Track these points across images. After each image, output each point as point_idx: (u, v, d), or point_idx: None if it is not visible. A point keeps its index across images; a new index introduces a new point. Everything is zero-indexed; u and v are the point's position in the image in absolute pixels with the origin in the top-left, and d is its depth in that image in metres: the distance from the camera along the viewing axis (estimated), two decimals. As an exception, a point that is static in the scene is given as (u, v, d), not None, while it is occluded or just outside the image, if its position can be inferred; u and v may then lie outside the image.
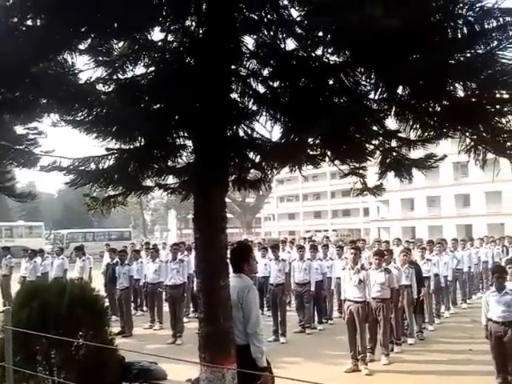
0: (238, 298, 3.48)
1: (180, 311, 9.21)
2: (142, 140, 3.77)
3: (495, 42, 2.41)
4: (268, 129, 3.82)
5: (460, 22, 2.42)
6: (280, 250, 11.26)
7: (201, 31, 3.52)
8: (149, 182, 4.50)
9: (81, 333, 3.61)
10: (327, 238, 20.18)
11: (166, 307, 9.77)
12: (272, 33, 3.61)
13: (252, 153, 3.65)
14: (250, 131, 3.70)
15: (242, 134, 3.69)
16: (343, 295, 7.19)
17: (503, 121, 2.73)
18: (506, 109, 2.63)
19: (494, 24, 2.34)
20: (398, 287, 7.98)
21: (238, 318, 3.45)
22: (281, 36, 3.55)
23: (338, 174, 5.61)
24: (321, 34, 3.18)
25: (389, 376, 6.75)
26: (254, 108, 3.86)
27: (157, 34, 3.68)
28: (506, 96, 2.57)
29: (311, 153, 3.65)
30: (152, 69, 3.82)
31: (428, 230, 52.51)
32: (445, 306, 11.02)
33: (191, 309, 11.17)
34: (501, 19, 2.33)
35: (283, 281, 9.26)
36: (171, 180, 4.54)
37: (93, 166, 3.65)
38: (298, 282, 9.52)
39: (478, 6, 2.39)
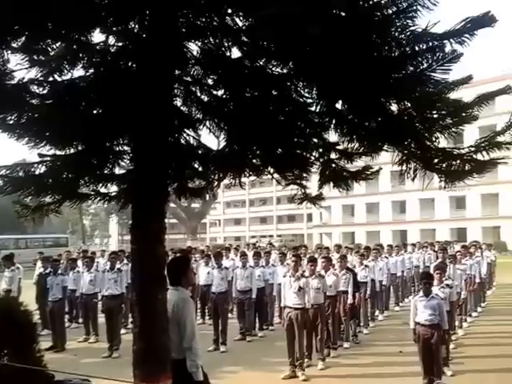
0: (174, 311, 3.41)
1: (117, 323, 8.89)
2: (79, 146, 3.62)
3: (425, 64, 2.58)
4: (212, 137, 3.81)
5: (393, 44, 2.55)
6: (224, 258, 11.27)
7: (144, 35, 3.45)
8: (87, 189, 4.32)
9: (4, 352, 3.35)
10: (271, 244, 20.38)
11: (102, 318, 9.39)
12: (217, 40, 3.60)
13: (194, 161, 3.62)
14: (192, 139, 3.67)
15: (184, 142, 3.65)
16: (283, 302, 7.28)
17: (432, 138, 2.89)
18: (434, 128, 2.79)
19: (424, 47, 2.50)
20: (335, 293, 8.23)
21: (173, 331, 3.39)
22: (226, 44, 3.56)
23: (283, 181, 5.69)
24: (265, 44, 3.21)
25: (325, 381, 6.92)
26: (198, 116, 3.84)
27: (98, 36, 3.56)
28: (434, 116, 2.74)
29: (254, 162, 3.66)
30: (91, 71, 3.69)
31: (366, 236, 54.57)
32: (379, 309, 11.48)
33: (130, 319, 10.84)
34: (430, 43, 2.49)
35: (226, 289, 9.24)
36: (112, 187, 4.40)
37: (21, 173, 3.45)
38: (240, 290, 9.54)
39: (409, 29, 2.54)
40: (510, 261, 28.12)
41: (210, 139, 8.13)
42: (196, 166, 3.61)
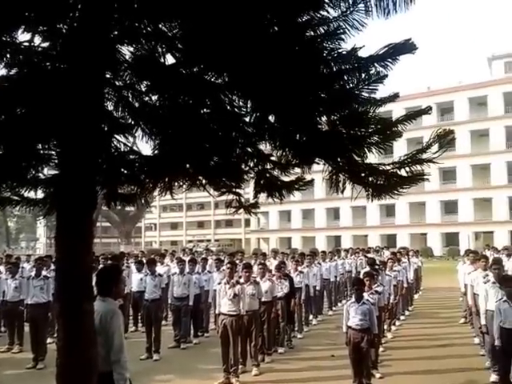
0: (102, 322, 3.30)
1: (43, 333, 8.40)
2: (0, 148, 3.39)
3: (352, 84, 2.70)
4: (144, 143, 3.72)
5: (322, 62, 2.64)
6: (158, 264, 11.05)
7: (73, 35, 3.30)
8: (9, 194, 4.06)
9: None
10: (208, 249, 20.26)
11: (27, 327, 8.86)
12: (151, 46, 3.53)
13: (124, 167, 3.51)
14: (122, 145, 3.56)
15: (114, 147, 3.53)
16: (217, 309, 7.26)
17: (360, 153, 3.02)
18: (361, 144, 2.92)
19: (350, 67, 2.61)
20: (271, 299, 8.33)
21: (100, 343, 3.27)
22: (160, 50, 3.49)
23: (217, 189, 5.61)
24: (199, 53, 3.19)
25: (258, 387, 6.97)
26: (130, 121, 3.73)
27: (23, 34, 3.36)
28: (362, 133, 2.87)
29: (187, 170, 3.62)
30: (16, 70, 3.48)
31: (302, 241, 55.90)
32: (313, 314, 11.77)
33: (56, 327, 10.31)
34: (355, 64, 2.61)
35: (159, 296, 9.05)
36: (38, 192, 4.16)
37: None
38: (176, 297, 9.39)
39: (336, 51, 2.64)
40: (435, 266, 29.99)
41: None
42: (126, 171, 3.50)
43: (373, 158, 3.55)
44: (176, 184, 3.59)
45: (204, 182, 3.52)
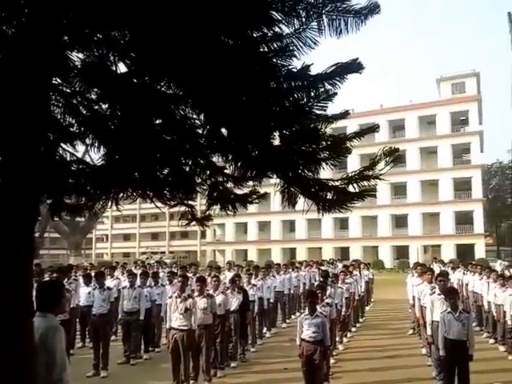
0: (42, 340, 3.14)
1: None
2: None
3: (303, 101, 2.74)
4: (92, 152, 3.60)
5: (272, 78, 2.67)
6: (108, 277, 10.72)
7: (19, 39, 3.17)
8: None
9: None
10: (159, 262, 19.86)
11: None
12: (103, 53, 3.44)
13: (70, 177, 3.38)
14: (68, 154, 3.43)
15: (60, 156, 3.40)
16: (168, 324, 7.10)
17: (312, 168, 3.06)
18: (311, 160, 2.96)
19: (299, 84, 2.66)
20: (224, 312, 8.25)
21: (41, 362, 3.10)
22: (112, 58, 3.41)
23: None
24: (152, 63, 3.15)
25: (209, 402, 6.85)
26: (78, 130, 3.61)
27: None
28: (312, 149, 2.91)
29: (136, 180, 3.52)
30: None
31: (258, 253, 56.00)
32: (267, 327, 11.75)
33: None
34: (305, 82, 2.66)
35: (107, 311, 8.75)
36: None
37: None
38: (126, 311, 9.11)
39: (286, 67, 2.69)
40: (386, 278, 30.80)
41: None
42: (72, 181, 3.36)
43: (328, 172, 3.62)
44: (123, 196, 3.48)
45: (151, 194, 3.44)
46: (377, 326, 13.45)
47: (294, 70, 2.65)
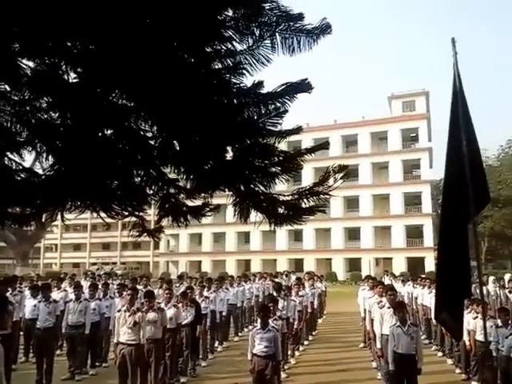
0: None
1: None
2: None
3: (254, 117, 2.78)
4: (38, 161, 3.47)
5: (225, 94, 2.70)
6: (55, 289, 10.30)
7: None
8: None
9: None
10: (108, 273, 19.27)
11: None
12: (55, 61, 3.34)
13: (15, 186, 3.23)
14: (15, 163, 3.29)
15: (4, 165, 3.25)
16: (116, 338, 6.88)
17: (264, 183, 3.09)
18: (262, 175, 2.99)
19: (250, 101, 2.70)
20: (176, 325, 8.10)
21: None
22: (64, 67, 3.32)
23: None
24: (105, 72, 3.09)
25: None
26: (26, 138, 3.47)
27: None
28: (264, 164, 2.95)
29: (84, 191, 3.42)
30: None
31: (212, 265, 55.53)
32: (219, 340, 11.62)
33: None
34: (255, 99, 2.71)
35: (52, 324, 8.39)
36: None
37: None
38: (71, 325, 8.76)
39: (236, 85, 2.73)
40: (339, 290, 31.34)
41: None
42: (17, 191, 3.22)
43: (284, 185, 3.66)
44: (70, 207, 3.36)
45: (98, 206, 3.34)
46: (329, 339, 13.60)
47: (245, 87, 2.68)
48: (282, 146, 3.26)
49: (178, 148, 3.06)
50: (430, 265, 46.88)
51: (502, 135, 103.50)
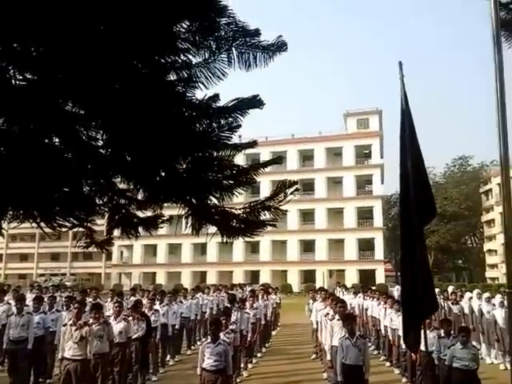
0: None
1: None
2: None
3: (207, 130, 2.79)
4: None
5: (178, 107, 2.69)
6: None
7: None
8: None
9: None
10: (56, 286, 18.50)
11: None
12: (1, 65, 3.21)
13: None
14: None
15: None
16: (61, 353, 6.59)
17: (216, 196, 3.08)
18: (213, 188, 2.99)
19: (201, 115, 2.71)
20: (125, 339, 7.87)
21: None
22: (12, 70, 3.20)
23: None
24: (54, 78, 3.00)
25: None
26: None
27: None
28: (215, 177, 2.95)
29: (27, 201, 3.28)
30: None
31: (167, 276, 54.54)
32: (170, 354, 11.38)
33: None
34: (207, 112, 2.72)
35: (-9, 340, 7.94)
36: None
37: None
38: (12, 340, 8.31)
39: (188, 97, 2.73)
40: (293, 302, 31.51)
41: None
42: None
43: (240, 198, 3.66)
44: (10, 217, 3.21)
45: (39, 217, 3.21)
46: (282, 350, 13.62)
47: (199, 100, 2.69)
48: (240, 158, 3.28)
49: (128, 158, 3.00)
50: (381, 277, 48.20)
51: (449, 154, 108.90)
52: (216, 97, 3.07)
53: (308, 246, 52.77)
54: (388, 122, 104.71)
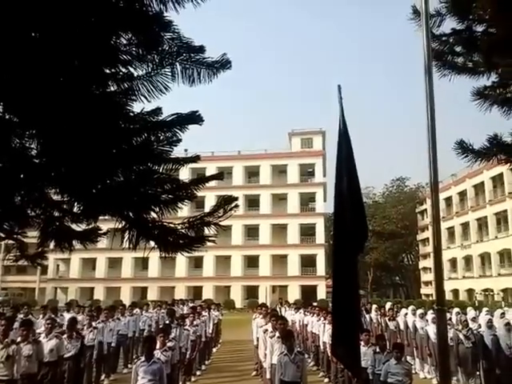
0: None
1: None
2: None
3: (146, 144, 2.77)
4: None
5: (115, 119, 2.66)
6: None
7: None
8: None
9: None
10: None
11: None
12: None
13: None
14: None
15: None
16: (-17, 375, 6.15)
17: (155, 210, 3.04)
18: (151, 202, 2.95)
19: (137, 128, 2.69)
20: (57, 358, 7.47)
21: None
22: None
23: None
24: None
25: None
26: None
27: None
28: (153, 191, 2.92)
29: None
30: None
31: (106, 292, 52.57)
32: (105, 373, 10.91)
33: None
34: (145, 126, 2.71)
35: None
36: None
37: None
38: None
39: (124, 111, 2.72)
40: (236, 318, 31.28)
41: None
42: None
43: (185, 211, 3.62)
44: None
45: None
46: (222, 368, 13.44)
47: (140, 113, 2.66)
48: (186, 173, 3.26)
49: (63, 169, 2.90)
50: (322, 293, 49.12)
51: (388, 175, 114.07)
52: (158, 110, 3.06)
53: (252, 262, 52.88)
54: (331, 142, 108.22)
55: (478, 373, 9.84)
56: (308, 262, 51.49)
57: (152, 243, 3.42)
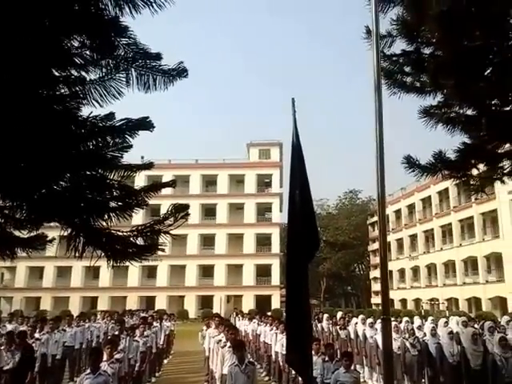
0: None
1: None
2: None
3: (97, 149, 2.72)
4: None
5: (64, 123, 2.59)
6: None
7: None
8: None
9: None
10: None
11: None
12: None
13: None
14: None
15: None
16: None
17: (104, 217, 2.97)
18: (99, 209, 2.89)
19: (86, 133, 2.65)
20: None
21: None
22: None
23: None
24: None
25: None
26: None
27: None
28: (101, 197, 2.85)
29: None
30: None
31: (54, 302, 50.49)
32: (49, 387, 10.45)
33: None
34: (94, 131, 2.67)
35: None
36: None
37: None
38: None
39: (76, 115, 2.67)
40: (189, 328, 30.77)
41: None
42: None
43: (139, 218, 3.54)
44: None
45: None
46: (173, 380, 13.20)
47: (85, 117, 2.61)
48: (141, 181, 3.20)
49: (4, 172, 2.79)
50: (276, 302, 49.36)
51: (341, 187, 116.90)
52: (111, 115, 3.01)
53: (207, 271, 52.42)
54: (288, 153, 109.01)
55: (423, 380, 10.18)
56: (263, 272, 51.65)
57: (100, 252, 3.33)
